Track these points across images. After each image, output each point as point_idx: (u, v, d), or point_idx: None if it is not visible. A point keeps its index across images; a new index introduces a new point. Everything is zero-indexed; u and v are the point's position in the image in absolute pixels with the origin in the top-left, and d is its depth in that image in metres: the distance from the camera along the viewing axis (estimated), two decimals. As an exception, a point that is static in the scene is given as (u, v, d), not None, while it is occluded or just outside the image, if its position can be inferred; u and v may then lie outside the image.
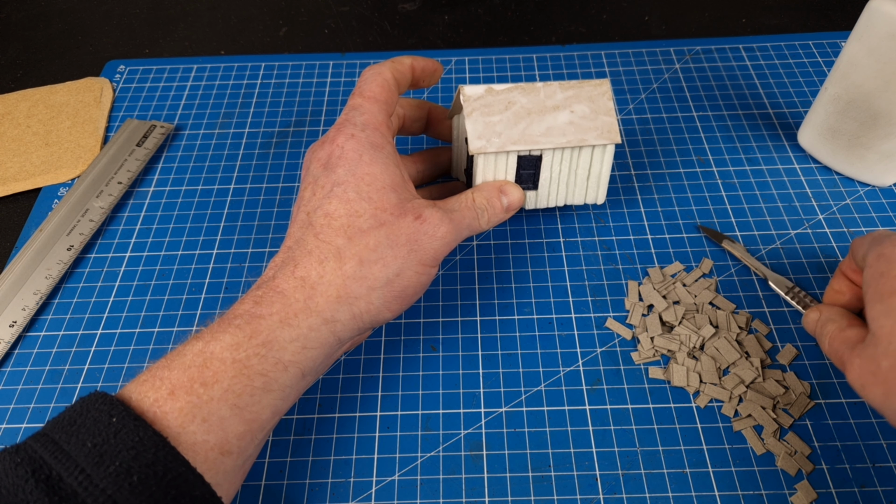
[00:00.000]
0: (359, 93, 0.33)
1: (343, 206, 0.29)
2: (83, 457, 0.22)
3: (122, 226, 0.42)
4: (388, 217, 0.29)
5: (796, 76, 0.49)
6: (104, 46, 0.55)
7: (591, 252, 0.39)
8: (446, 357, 0.35)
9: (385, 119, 0.32)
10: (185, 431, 0.23)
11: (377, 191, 0.29)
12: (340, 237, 0.29)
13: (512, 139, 0.34)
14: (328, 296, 0.28)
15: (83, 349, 0.36)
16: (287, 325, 0.27)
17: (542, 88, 0.34)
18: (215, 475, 0.24)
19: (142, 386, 0.24)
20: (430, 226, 0.30)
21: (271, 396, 0.26)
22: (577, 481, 0.31)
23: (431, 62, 0.36)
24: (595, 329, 0.36)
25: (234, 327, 0.26)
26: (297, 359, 0.27)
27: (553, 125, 0.34)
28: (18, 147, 0.46)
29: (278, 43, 0.55)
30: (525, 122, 0.34)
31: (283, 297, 0.27)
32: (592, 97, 0.35)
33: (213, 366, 0.25)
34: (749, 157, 0.44)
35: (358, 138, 0.30)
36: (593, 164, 0.36)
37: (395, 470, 0.31)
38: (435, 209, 0.31)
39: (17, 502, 0.21)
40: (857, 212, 0.40)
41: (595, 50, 0.52)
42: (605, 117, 0.35)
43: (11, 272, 0.38)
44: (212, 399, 0.24)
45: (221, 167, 0.45)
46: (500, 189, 0.34)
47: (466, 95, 0.34)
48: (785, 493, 0.30)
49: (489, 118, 0.34)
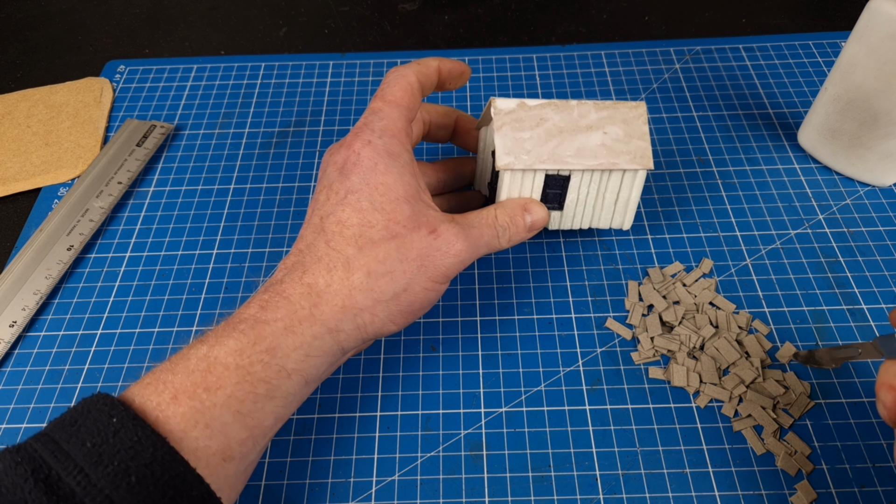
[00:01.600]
0: (380, 96, 0.32)
1: (356, 215, 0.29)
2: (82, 456, 0.22)
3: (122, 226, 0.42)
4: (400, 229, 0.29)
5: (796, 76, 0.49)
6: (104, 46, 0.55)
7: (591, 252, 0.39)
8: (446, 357, 0.35)
9: (405, 125, 0.31)
10: (187, 437, 0.23)
11: (391, 201, 0.29)
12: (351, 246, 0.28)
13: (541, 158, 0.32)
14: (333, 305, 0.27)
15: (83, 349, 0.36)
16: (291, 332, 0.27)
17: (576, 107, 0.33)
18: (216, 480, 0.24)
19: (145, 389, 0.24)
20: (443, 242, 0.29)
21: (274, 403, 0.26)
22: (577, 481, 0.31)
23: (459, 64, 0.35)
24: (595, 329, 0.36)
25: (239, 332, 0.26)
26: (301, 367, 0.27)
27: (584, 146, 0.33)
28: (18, 147, 0.46)
29: (278, 43, 0.55)
30: (556, 140, 0.33)
31: (289, 304, 0.27)
32: (627, 119, 0.33)
33: (217, 371, 0.25)
34: (749, 157, 0.44)
35: (375, 145, 0.30)
36: (622, 189, 0.35)
37: (395, 470, 0.31)
38: (451, 224, 0.30)
39: (16, 501, 0.21)
40: (857, 212, 0.40)
41: (595, 50, 0.52)
42: (639, 141, 0.33)
43: (11, 272, 0.38)
44: (215, 405, 0.24)
45: (221, 167, 0.45)
46: (524, 207, 0.33)
47: (498, 108, 0.33)
48: (785, 493, 0.30)
49: (519, 134, 0.32)
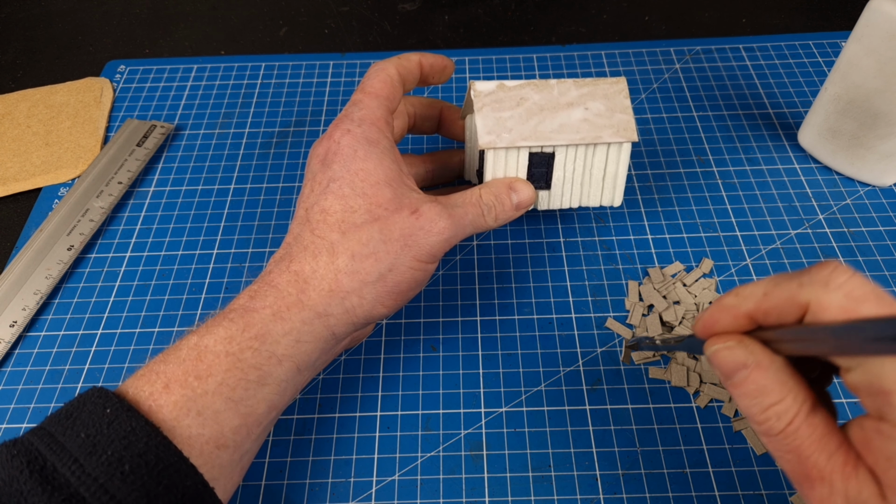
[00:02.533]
0: (360, 89, 0.32)
1: (338, 201, 0.29)
2: (77, 447, 0.22)
3: (123, 226, 0.42)
4: (382, 212, 0.29)
5: (796, 76, 0.49)
6: (104, 46, 0.55)
7: (591, 252, 0.39)
8: (446, 357, 0.35)
9: (384, 114, 0.32)
10: (179, 425, 0.24)
11: (371, 186, 0.29)
12: (335, 232, 0.29)
13: (523, 135, 0.33)
14: (320, 289, 0.28)
15: (83, 349, 0.36)
16: (280, 318, 0.27)
17: (555, 85, 0.33)
18: (211, 469, 0.24)
19: (139, 380, 0.25)
20: (426, 220, 0.29)
21: (266, 390, 0.26)
22: (578, 481, 0.31)
23: (441, 59, 0.35)
24: (595, 329, 0.36)
25: (228, 321, 0.26)
26: (291, 352, 0.27)
27: (567, 122, 0.33)
28: (18, 147, 0.46)
29: (278, 43, 0.55)
30: (537, 118, 0.33)
31: (276, 291, 0.27)
32: (608, 95, 0.34)
33: (207, 359, 0.25)
34: (749, 157, 0.44)
35: (353, 133, 0.30)
36: (609, 164, 0.34)
37: (396, 470, 0.31)
38: (434, 204, 0.30)
39: (12, 493, 0.21)
40: (857, 212, 0.40)
41: (595, 50, 0.52)
42: (622, 115, 0.33)
43: (11, 272, 0.38)
44: (206, 392, 0.24)
45: (221, 167, 0.45)
46: (509, 186, 0.33)
47: (477, 91, 0.33)
48: (785, 493, 0.30)
49: (500, 114, 0.33)
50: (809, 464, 0.20)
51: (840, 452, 0.20)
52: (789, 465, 0.21)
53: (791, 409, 0.20)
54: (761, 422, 0.21)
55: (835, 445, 0.20)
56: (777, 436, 0.21)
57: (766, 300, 0.21)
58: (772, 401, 0.21)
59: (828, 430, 0.20)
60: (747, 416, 0.22)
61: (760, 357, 0.21)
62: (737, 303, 0.22)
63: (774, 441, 0.21)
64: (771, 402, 0.21)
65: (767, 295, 0.21)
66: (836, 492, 0.19)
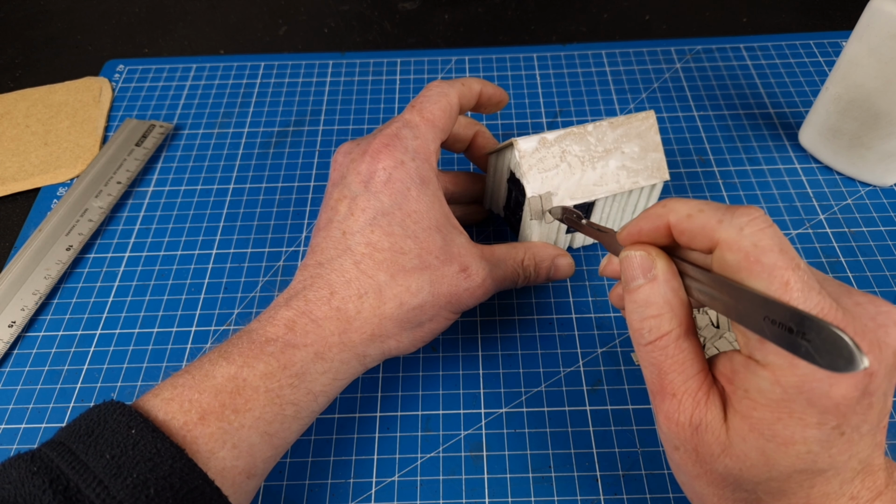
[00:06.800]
0: (419, 109, 0.31)
1: (387, 239, 0.28)
2: (101, 468, 0.21)
3: (122, 226, 0.42)
4: (433, 260, 0.29)
5: (797, 76, 0.49)
6: (103, 46, 0.55)
7: (591, 252, 0.39)
8: (446, 357, 0.35)
9: (437, 148, 0.31)
10: (214, 457, 0.23)
11: (423, 230, 0.29)
12: (383, 273, 0.28)
13: (569, 192, 0.33)
14: (363, 333, 0.28)
15: (82, 349, 0.36)
16: (321, 358, 0.27)
17: (592, 131, 0.33)
18: (238, 496, 0.24)
19: (168, 405, 0.24)
20: (472, 282, 0.30)
21: (300, 423, 0.27)
22: (578, 482, 0.31)
23: (500, 92, 0.34)
24: (595, 329, 0.36)
25: (268, 355, 0.26)
26: (327, 389, 0.27)
27: (605, 172, 0.33)
28: (17, 147, 0.46)
29: (278, 42, 0.55)
30: (579, 172, 0.33)
31: (318, 328, 0.27)
32: (640, 133, 0.34)
33: (246, 394, 0.25)
34: (750, 157, 0.44)
35: (407, 168, 0.29)
36: (640, 202, 0.36)
37: (395, 471, 0.31)
38: (482, 263, 0.30)
39: None
40: (858, 212, 0.40)
41: (595, 49, 0.52)
42: (654, 154, 0.34)
43: (10, 272, 0.38)
44: (243, 426, 0.24)
45: (221, 167, 0.45)
46: (553, 259, 0.34)
47: (522, 151, 0.32)
48: (786, 493, 0.30)
49: (545, 173, 0.33)
50: (667, 381, 0.22)
51: (697, 378, 0.22)
52: (650, 377, 0.23)
53: (664, 327, 0.22)
54: (636, 329, 0.23)
55: (694, 371, 0.22)
56: (645, 346, 0.23)
57: (686, 221, 0.22)
58: (651, 313, 0.22)
59: (692, 357, 0.22)
60: (628, 324, 0.24)
61: (659, 273, 0.23)
62: (663, 213, 0.23)
63: (643, 351, 0.23)
64: (650, 314, 0.22)
65: (690, 217, 0.22)
66: (683, 410, 0.22)
